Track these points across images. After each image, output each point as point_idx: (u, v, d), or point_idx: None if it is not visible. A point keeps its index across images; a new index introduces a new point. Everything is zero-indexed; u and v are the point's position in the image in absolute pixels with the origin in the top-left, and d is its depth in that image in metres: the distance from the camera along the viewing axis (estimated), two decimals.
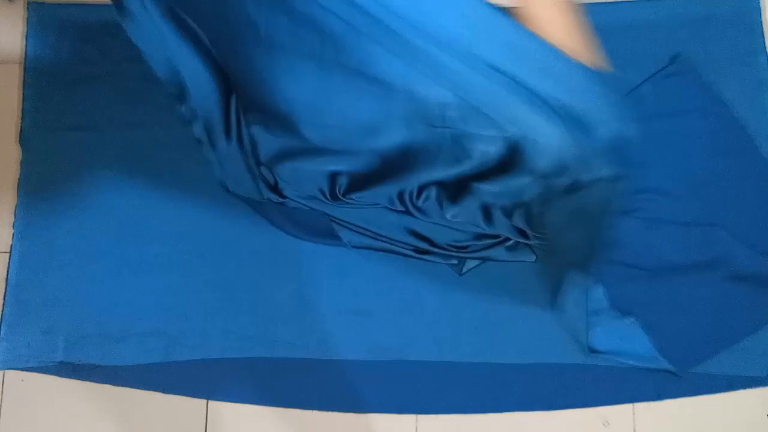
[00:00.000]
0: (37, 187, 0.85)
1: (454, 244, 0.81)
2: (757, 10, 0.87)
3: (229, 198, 0.81)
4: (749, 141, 0.83)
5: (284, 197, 0.80)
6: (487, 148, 0.59)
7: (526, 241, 0.79)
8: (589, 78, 0.54)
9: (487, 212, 0.71)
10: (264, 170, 0.81)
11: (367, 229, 0.81)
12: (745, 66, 0.86)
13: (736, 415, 0.79)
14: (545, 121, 0.54)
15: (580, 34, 0.52)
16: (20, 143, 0.86)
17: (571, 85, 0.54)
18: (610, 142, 0.55)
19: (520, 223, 0.70)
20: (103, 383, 0.81)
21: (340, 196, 0.74)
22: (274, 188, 0.80)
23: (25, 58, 0.88)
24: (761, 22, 0.87)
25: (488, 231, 0.74)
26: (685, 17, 0.87)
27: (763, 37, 0.87)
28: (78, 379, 0.81)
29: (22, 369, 0.81)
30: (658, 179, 0.82)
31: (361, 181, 0.72)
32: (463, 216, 0.71)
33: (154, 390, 0.80)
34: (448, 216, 0.71)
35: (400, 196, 0.72)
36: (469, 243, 0.81)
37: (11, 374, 0.82)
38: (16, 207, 0.85)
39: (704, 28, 0.87)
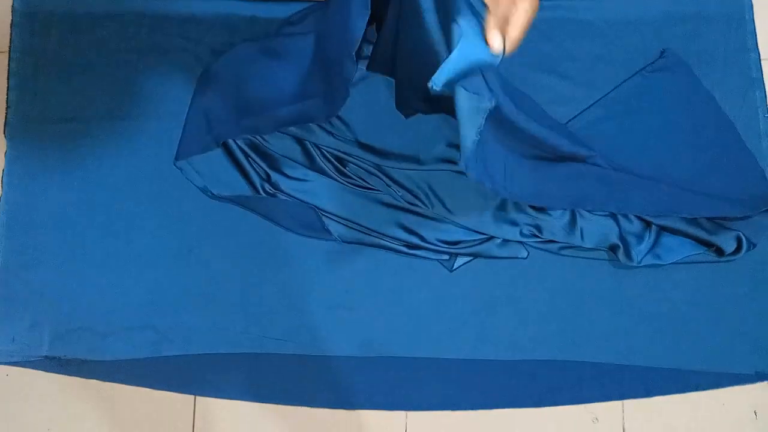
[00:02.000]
0: (23, 180, 0.84)
1: (444, 239, 0.81)
2: (749, 7, 0.87)
3: None
4: (737, 137, 0.83)
5: (277, 189, 0.80)
6: None
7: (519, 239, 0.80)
8: None
9: None
10: (258, 163, 0.81)
11: (357, 224, 0.81)
12: (736, 63, 0.86)
13: (725, 413, 0.80)
14: None
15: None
16: (5, 134, 0.85)
17: None
18: None
19: None
20: (89, 378, 0.80)
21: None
22: (267, 180, 0.81)
23: (12, 48, 0.86)
24: (753, 19, 0.87)
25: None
26: (676, 14, 0.87)
27: (755, 35, 0.87)
28: (63, 374, 0.80)
29: (6, 364, 0.80)
30: (644, 173, 0.81)
31: None
32: None
33: (141, 385, 0.79)
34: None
35: None
36: (460, 239, 0.81)
37: None
38: (1, 199, 0.83)
39: (695, 25, 0.87)
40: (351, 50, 0.62)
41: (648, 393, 0.79)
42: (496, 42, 0.51)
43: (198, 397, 0.80)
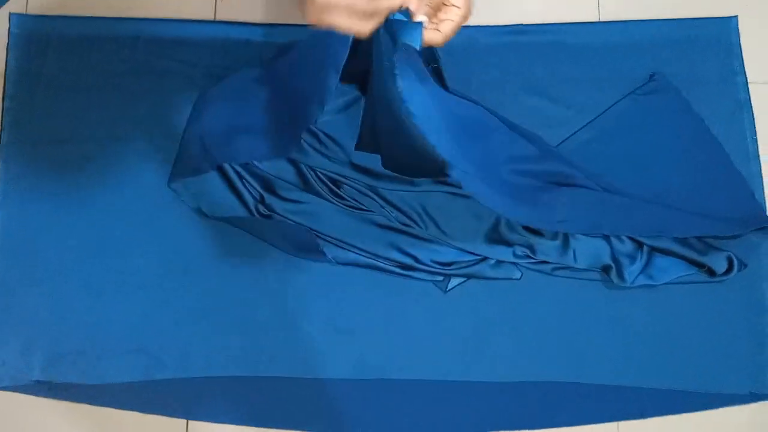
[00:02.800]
0: (17, 202, 0.83)
1: (438, 260, 0.81)
2: (736, 32, 0.89)
3: None
4: (726, 158, 0.84)
5: (271, 211, 0.81)
6: None
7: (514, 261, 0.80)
8: None
9: None
10: (252, 184, 0.81)
11: (352, 245, 0.81)
12: (724, 86, 0.87)
13: None
14: None
15: None
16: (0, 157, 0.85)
17: None
18: None
19: None
20: (80, 402, 0.79)
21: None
22: (262, 201, 0.81)
23: (7, 70, 0.87)
24: (739, 42, 0.89)
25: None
26: (664, 38, 0.88)
27: (742, 58, 0.88)
28: (54, 398, 0.79)
29: None
30: (634, 195, 0.82)
31: None
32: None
33: (133, 410, 0.78)
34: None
35: None
36: (454, 260, 0.81)
37: None
38: None
39: (684, 50, 0.88)
40: (322, 98, 0.61)
41: (643, 414, 0.79)
42: (420, 16, 0.53)
43: (190, 422, 0.79)
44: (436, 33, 0.56)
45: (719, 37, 0.89)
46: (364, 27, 0.52)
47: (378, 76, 0.61)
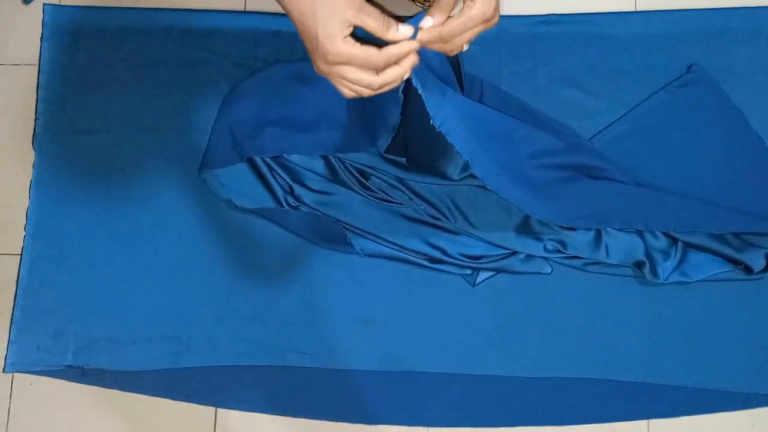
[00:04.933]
0: (50, 190, 0.85)
1: (467, 254, 0.80)
2: None
3: None
4: (766, 152, 0.82)
5: (300, 202, 0.81)
6: None
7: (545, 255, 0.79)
8: None
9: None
10: (281, 175, 0.81)
11: (380, 237, 0.81)
12: (763, 78, 0.85)
13: None
14: None
15: None
16: (33, 145, 0.86)
17: None
18: None
19: None
20: (111, 388, 0.80)
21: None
22: (290, 192, 0.81)
23: (41, 61, 0.88)
24: None
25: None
26: (701, 30, 0.86)
27: None
28: (86, 383, 0.80)
29: (30, 372, 0.81)
30: (670, 189, 0.80)
31: None
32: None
33: (163, 396, 0.80)
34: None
35: None
36: (483, 254, 0.80)
37: (20, 378, 0.81)
38: (28, 209, 0.85)
39: (722, 41, 0.86)
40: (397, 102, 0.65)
41: (674, 412, 0.78)
42: (426, 20, 0.48)
43: (219, 409, 0.80)
44: (431, 30, 0.47)
45: (759, 27, 0.86)
46: (373, 81, 0.47)
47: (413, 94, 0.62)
